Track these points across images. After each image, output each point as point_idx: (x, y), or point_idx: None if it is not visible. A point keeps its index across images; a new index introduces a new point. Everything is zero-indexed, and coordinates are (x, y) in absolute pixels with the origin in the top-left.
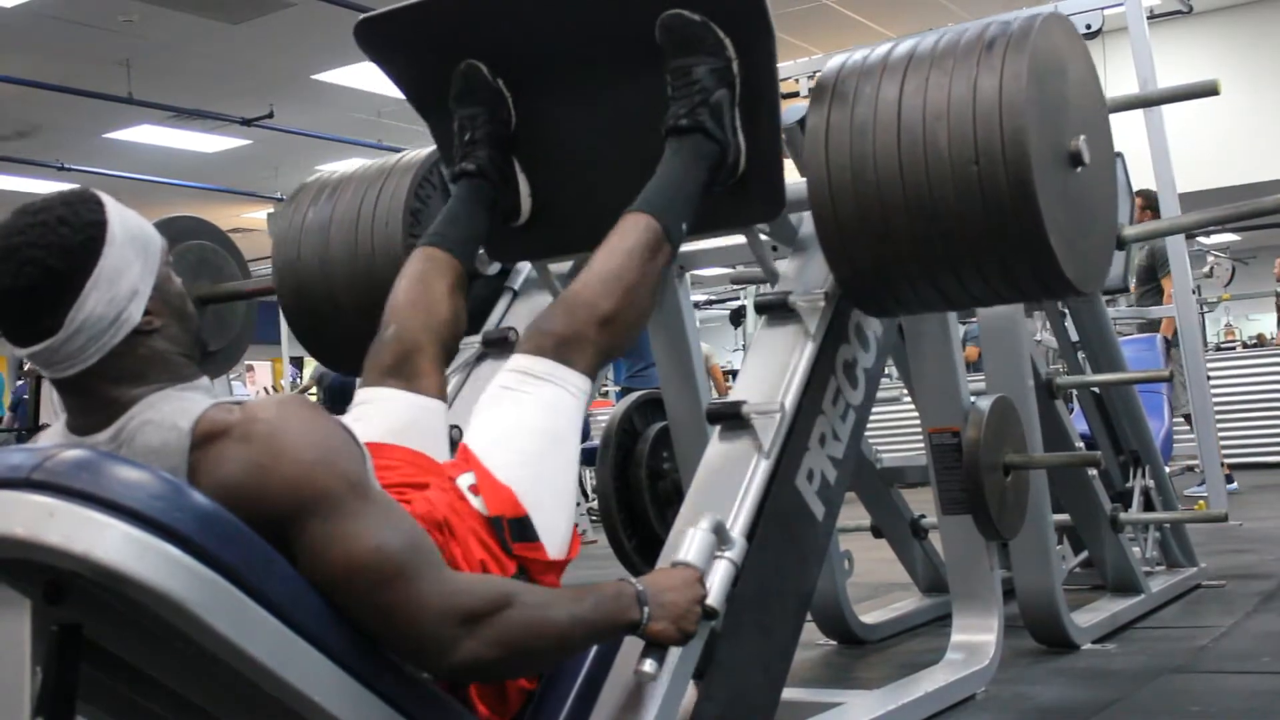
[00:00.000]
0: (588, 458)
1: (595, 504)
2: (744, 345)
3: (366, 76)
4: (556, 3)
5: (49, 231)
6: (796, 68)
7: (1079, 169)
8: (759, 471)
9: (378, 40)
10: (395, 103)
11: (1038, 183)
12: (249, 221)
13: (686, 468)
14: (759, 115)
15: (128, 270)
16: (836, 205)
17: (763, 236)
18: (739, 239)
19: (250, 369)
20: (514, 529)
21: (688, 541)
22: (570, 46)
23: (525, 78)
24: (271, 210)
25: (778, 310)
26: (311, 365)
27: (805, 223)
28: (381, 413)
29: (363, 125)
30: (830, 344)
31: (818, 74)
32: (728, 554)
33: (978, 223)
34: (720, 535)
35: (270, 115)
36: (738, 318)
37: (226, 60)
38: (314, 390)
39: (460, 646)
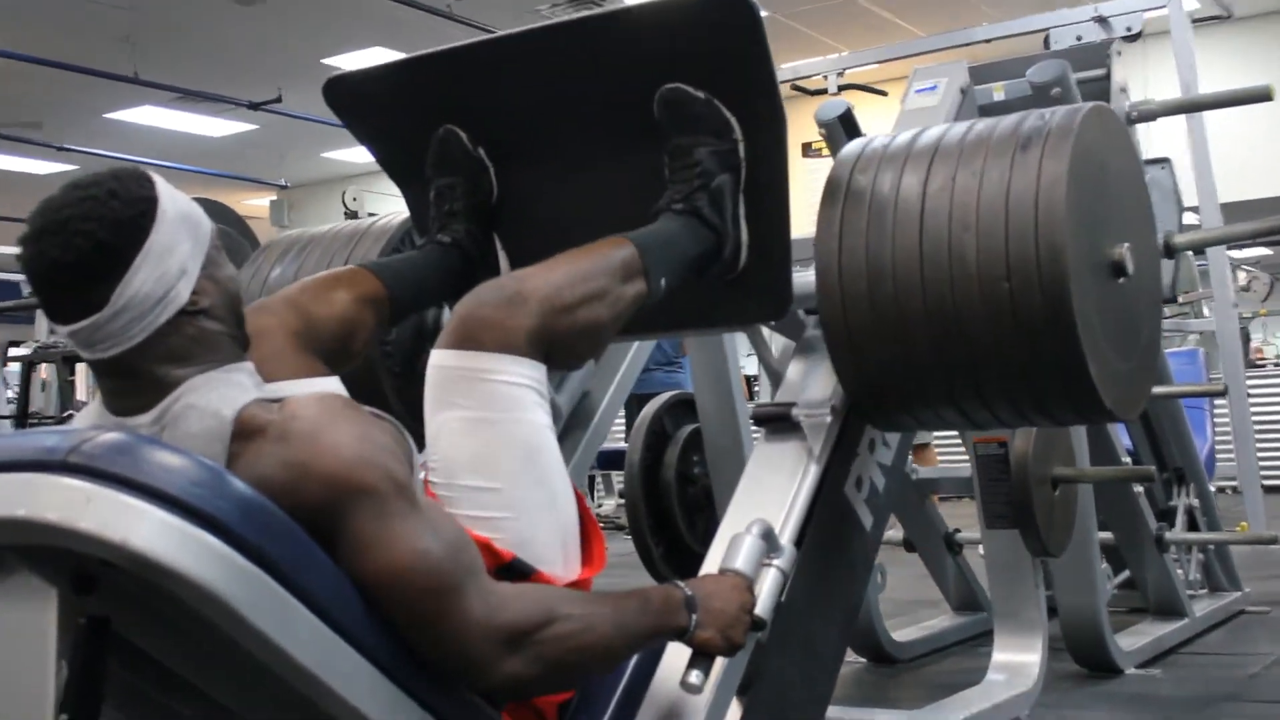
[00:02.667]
0: (612, 461)
1: (602, 508)
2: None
3: (379, 63)
4: (545, 69)
5: (99, 205)
6: (825, 64)
7: (1121, 280)
8: (809, 477)
9: (349, 100)
10: None
11: (1076, 304)
12: (250, 209)
13: (718, 473)
14: (765, 205)
15: (177, 248)
16: (848, 315)
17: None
18: None
19: None
20: (503, 575)
21: (737, 547)
22: (559, 116)
23: (509, 148)
24: (274, 198)
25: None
26: None
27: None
28: None
29: None
30: None
31: (847, 68)
32: (776, 562)
33: (1008, 347)
34: (770, 542)
35: (279, 99)
36: None
37: (235, 41)
38: None
39: (502, 665)
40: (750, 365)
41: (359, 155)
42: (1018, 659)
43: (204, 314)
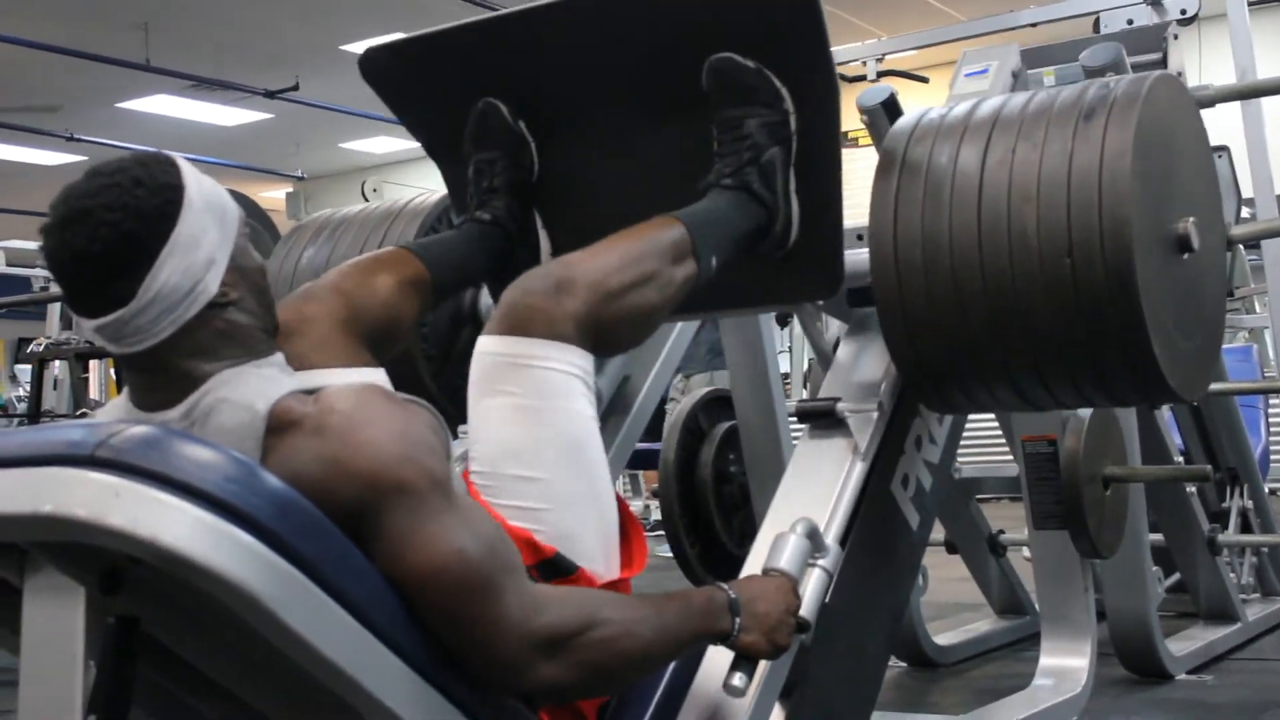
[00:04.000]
0: (645, 460)
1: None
2: (789, 347)
3: (416, 33)
4: (589, 39)
5: (124, 193)
6: (864, 50)
7: (1186, 255)
8: (854, 474)
9: (385, 73)
10: None
11: (1141, 281)
12: (266, 201)
13: (755, 471)
14: (817, 179)
15: (204, 238)
16: (904, 290)
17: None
18: None
19: None
20: (545, 571)
21: (781, 546)
22: (603, 88)
23: (551, 121)
24: (290, 190)
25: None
26: None
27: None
28: None
29: None
30: None
31: (881, 60)
32: (821, 562)
33: (1069, 324)
34: (815, 541)
35: (295, 88)
36: (784, 318)
37: (251, 27)
38: None
39: (539, 668)
40: (783, 362)
41: (378, 145)
42: (1066, 663)
43: (233, 306)
